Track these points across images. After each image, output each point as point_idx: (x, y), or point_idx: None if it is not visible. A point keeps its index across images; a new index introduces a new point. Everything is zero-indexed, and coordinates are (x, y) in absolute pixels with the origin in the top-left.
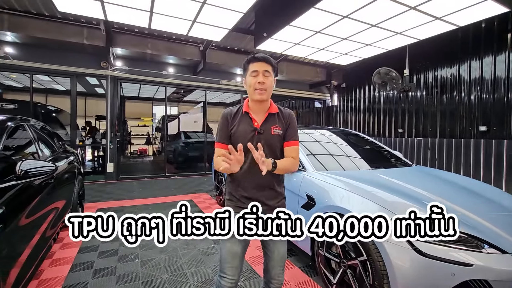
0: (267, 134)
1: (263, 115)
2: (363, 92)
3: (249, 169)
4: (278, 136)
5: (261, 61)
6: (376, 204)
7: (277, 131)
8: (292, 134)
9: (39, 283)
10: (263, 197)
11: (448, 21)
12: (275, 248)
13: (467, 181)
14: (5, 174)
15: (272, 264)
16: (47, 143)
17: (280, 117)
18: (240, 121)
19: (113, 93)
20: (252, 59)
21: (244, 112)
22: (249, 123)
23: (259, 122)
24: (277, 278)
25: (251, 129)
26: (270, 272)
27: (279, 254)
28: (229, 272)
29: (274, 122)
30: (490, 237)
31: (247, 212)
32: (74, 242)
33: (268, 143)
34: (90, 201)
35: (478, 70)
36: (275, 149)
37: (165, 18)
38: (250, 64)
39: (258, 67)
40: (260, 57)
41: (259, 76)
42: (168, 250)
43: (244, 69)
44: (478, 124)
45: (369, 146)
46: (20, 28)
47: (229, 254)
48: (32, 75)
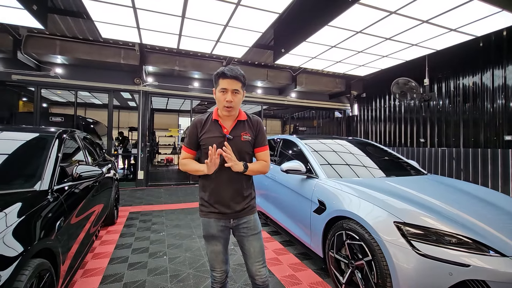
0: (237, 140)
1: (232, 122)
2: (384, 102)
3: (219, 174)
4: (248, 142)
5: (230, 78)
6: (384, 211)
7: (247, 137)
8: (262, 140)
9: (84, 272)
10: (232, 202)
11: (464, 32)
12: (250, 246)
13: (480, 190)
14: (65, 176)
15: (251, 261)
16: (90, 152)
17: (250, 124)
18: (210, 129)
19: (144, 106)
20: (222, 75)
21: (214, 120)
22: (219, 130)
23: (228, 129)
24: (258, 273)
25: (220, 135)
26: (251, 269)
27: (255, 251)
28: (217, 266)
29: (243, 128)
30: (493, 242)
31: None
32: (111, 240)
33: (238, 149)
34: (123, 205)
35: (501, 78)
36: (244, 154)
37: (192, 39)
38: (219, 79)
39: (227, 85)
40: (229, 75)
41: (227, 94)
42: (193, 249)
43: (214, 81)
44: (503, 133)
45: (384, 156)
46: (69, 52)
47: (213, 254)
48: (76, 92)
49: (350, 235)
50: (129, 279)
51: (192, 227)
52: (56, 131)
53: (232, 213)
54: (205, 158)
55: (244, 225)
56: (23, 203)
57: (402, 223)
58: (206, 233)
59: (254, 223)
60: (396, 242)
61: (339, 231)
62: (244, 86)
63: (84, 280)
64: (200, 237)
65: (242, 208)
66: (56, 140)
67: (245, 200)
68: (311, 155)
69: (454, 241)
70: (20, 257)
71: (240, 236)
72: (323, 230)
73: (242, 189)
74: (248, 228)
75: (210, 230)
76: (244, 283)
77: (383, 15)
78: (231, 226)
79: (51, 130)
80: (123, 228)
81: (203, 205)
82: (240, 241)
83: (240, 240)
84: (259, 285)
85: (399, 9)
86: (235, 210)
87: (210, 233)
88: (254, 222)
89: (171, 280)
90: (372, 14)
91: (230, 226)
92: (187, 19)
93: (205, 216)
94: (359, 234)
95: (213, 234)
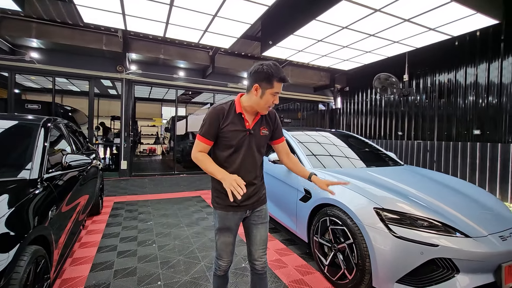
0: (256, 135)
1: (254, 117)
2: (365, 96)
3: (239, 167)
4: (265, 137)
5: (284, 82)
6: (365, 198)
7: (265, 132)
8: (281, 132)
9: (72, 261)
10: (251, 192)
11: (442, 32)
12: (257, 233)
13: (450, 180)
14: (54, 165)
15: (255, 247)
16: (74, 141)
17: (268, 119)
18: (233, 121)
19: (127, 95)
20: (281, 79)
21: (238, 112)
22: (242, 123)
23: (251, 124)
24: (260, 259)
25: (243, 130)
26: (253, 254)
27: (261, 238)
28: (225, 256)
29: (262, 123)
30: (459, 225)
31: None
32: (97, 229)
33: (257, 143)
34: (107, 195)
35: (473, 76)
36: (261, 148)
37: (179, 28)
38: (275, 82)
39: (280, 89)
40: (286, 80)
41: (276, 97)
42: (181, 237)
43: (265, 78)
44: (473, 128)
45: (365, 147)
46: (46, 35)
47: (223, 244)
48: (54, 78)
49: (334, 220)
50: (119, 266)
51: (180, 216)
52: (41, 119)
53: (250, 204)
54: (224, 150)
55: (256, 213)
56: (15, 191)
57: (381, 209)
58: (222, 226)
59: (266, 212)
60: (375, 226)
61: (323, 217)
62: None
63: (74, 268)
64: (188, 225)
65: (258, 198)
66: (42, 128)
67: (260, 190)
68: (298, 146)
69: (425, 225)
70: (19, 243)
71: (249, 224)
72: (308, 217)
73: (258, 179)
74: (259, 217)
75: (227, 223)
76: (235, 267)
77: (368, 12)
78: (245, 216)
79: (35, 118)
80: (109, 218)
81: (219, 197)
82: (248, 227)
83: (248, 227)
84: (259, 269)
85: (383, 7)
86: (253, 200)
87: (226, 225)
88: (266, 211)
89: (161, 266)
90: (358, 10)
91: (244, 216)
92: (175, 7)
93: (222, 210)
94: (342, 219)
95: (229, 226)
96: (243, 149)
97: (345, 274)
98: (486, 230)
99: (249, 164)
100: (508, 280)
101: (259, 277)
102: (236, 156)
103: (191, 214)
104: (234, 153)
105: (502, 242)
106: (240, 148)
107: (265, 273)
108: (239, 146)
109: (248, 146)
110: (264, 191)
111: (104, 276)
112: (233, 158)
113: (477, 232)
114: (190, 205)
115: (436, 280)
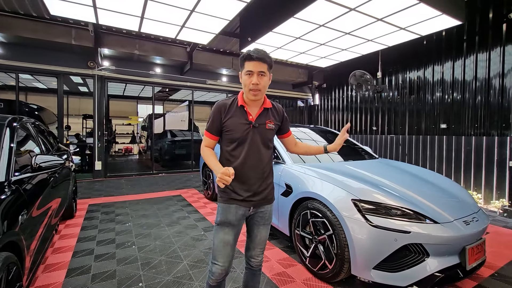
0: (261, 128)
1: (257, 109)
2: (342, 92)
3: (244, 161)
4: (272, 130)
5: (256, 60)
6: (343, 190)
7: (271, 125)
8: (288, 126)
9: (45, 268)
10: (258, 188)
11: (412, 31)
12: (258, 233)
13: (420, 171)
14: (23, 167)
15: (253, 246)
16: (43, 141)
17: (274, 112)
18: (235, 114)
19: (100, 92)
20: (248, 57)
21: (240, 105)
22: (244, 116)
23: (254, 116)
24: (256, 257)
25: (246, 123)
26: (251, 252)
27: (261, 238)
28: (220, 259)
29: (268, 117)
30: (428, 212)
31: (241, 204)
32: (72, 233)
33: (262, 137)
34: (81, 197)
35: (440, 73)
36: (267, 142)
37: (155, 23)
38: (245, 62)
39: (253, 67)
40: (255, 57)
41: (253, 76)
42: (162, 237)
43: (240, 64)
44: (440, 122)
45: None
46: (7, 28)
47: (221, 243)
48: (17, 75)
49: (314, 213)
50: (97, 270)
51: (160, 216)
52: (5, 118)
53: (255, 201)
54: (228, 144)
55: (260, 214)
56: None
57: (358, 200)
58: (223, 219)
59: (270, 214)
60: (353, 216)
61: (304, 210)
62: (271, 68)
63: (47, 275)
64: (169, 225)
65: (265, 196)
66: (7, 128)
67: (268, 187)
68: (278, 142)
69: (399, 213)
70: None
71: (252, 223)
72: (290, 211)
73: (266, 176)
74: (262, 218)
75: (229, 216)
76: None
77: (344, 11)
78: (248, 215)
79: None
80: (84, 221)
81: (224, 191)
82: (251, 226)
83: (250, 226)
84: (254, 266)
85: (358, 7)
86: (259, 197)
87: (228, 219)
88: (270, 212)
89: (142, 267)
90: (334, 9)
91: (248, 215)
92: (150, 1)
93: (225, 202)
94: (322, 212)
95: (230, 221)
96: (247, 142)
97: (325, 264)
98: (452, 216)
99: (254, 158)
100: (471, 261)
101: (253, 273)
102: (240, 150)
103: (171, 213)
104: (238, 147)
105: (466, 226)
106: (244, 141)
107: (259, 270)
108: (243, 140)
109: (252, 139)
110: (272, 190)
111: (81, 281)
112: (237, 152)
113: (444, 218)
114: (170, 205)
115: (409, 264)
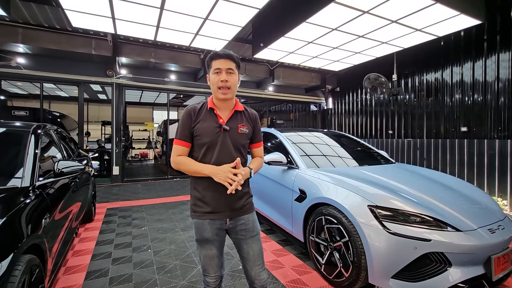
0: (233, 132)
1: (228, 113)
2: (356, 96)
3: None
4: (245, 135)
5: (224, 58)
6: (359, 196)
7: (244, 129)
8: (259, 135)
9: (65, 270)
10: (229, 198)
11: (428, 32)
12: (249, 249)
13: (440, 176)
14: (46, 172)
15: (250, 265)
16: (65, 147)
17: (246, 116)
18: (204, 118)
19: (118, 99)
20: (215, 56)
21: (209, 108)
22: (214, 119)
23: (225, 119)
24: (258, 277)
25: (216, 126)
26: (250, 273)
27: (254, 254)
28: (211, 271)
29: (240, 120)
30: (450, 219)
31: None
32: (91, 237)
33: (234, 141)
34: (100, 201)
35: (459, 74)
36: (240, 147)
37: (170, 31)
38: (212, 61)
39: (220, 65)
40: (222, 54)
41: (222, 74)
42: (177, 242)
43: (207, 66)
44: (460, 125)
45: (357, 146)
46: (33, 40)
47: (207, 258)
48: (42, 84)
49: (329, 219)
50: (115, 274)
51: (174, 220)
52: (30, 126)
53: (229, 212)
54: (197, 150)
55: (241, 226)
56: (7, 199)
57: (374, 206)
58: (199, 237)
59: (253, 224)
60: (369, 223)
61: (318, 216)
62: (239, 68)
63: (68, 277)
64: (183, 229)
65: (240, 206)
66: (32, 135)
67: (243, 197)
68: (291, 147)
69: (418, 220)
70: (13, 252)
71: (237, 239)
72: (304, 216)
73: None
74: (246, 230)
75: (204, 234)
76: (232, 269)
77: (357, 14)
78: (227, 228)
79: (25, 125)
80: (102, 224)
81: (196, 204)
82: (238, 243)
83: (237, 243)
84: None
85: (371, 9)
86: (232, 208)
87: (204, 237)
88: (253, 222)
89: (158, 272)
90: (347, 12)
91: (226, 228)
92: (165, 11)
93: (198, 218)
94: (337, 218)
95: (208, 238)
96: (218, 146)
97: (341, 272)
98: (475, 223)
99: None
100: (497, 271)
101: None
102: (210, 155)
103: (186, 218)
104: (208, 152)
105: (491, 234)
106: (214, 145)
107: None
108: (213, 144)
109: (223, 143)
110: (249, 199)
111: (100, 283)
112: (207, 158)
113: (467, 226)
114: (184, 209)
115: (430, 274)
